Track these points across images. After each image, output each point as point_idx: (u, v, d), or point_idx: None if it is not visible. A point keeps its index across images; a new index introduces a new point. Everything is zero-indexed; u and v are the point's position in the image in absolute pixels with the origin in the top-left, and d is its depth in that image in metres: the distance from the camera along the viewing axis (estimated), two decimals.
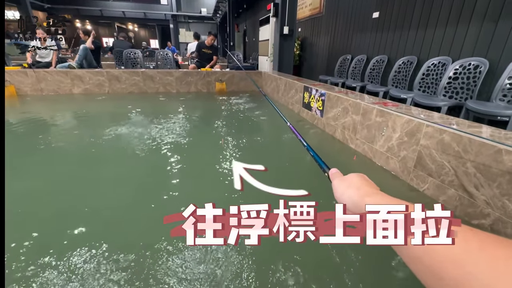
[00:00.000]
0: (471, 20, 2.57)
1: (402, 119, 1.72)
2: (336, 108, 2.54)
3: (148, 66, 6.49)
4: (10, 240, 1.10)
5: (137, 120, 3.02)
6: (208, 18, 18.28)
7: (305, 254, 1.07)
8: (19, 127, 2.74)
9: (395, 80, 3.47)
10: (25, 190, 1.53)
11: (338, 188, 0.40)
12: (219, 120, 3.15)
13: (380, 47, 3.89)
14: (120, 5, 17.39)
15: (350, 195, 0.36)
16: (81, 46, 4.84)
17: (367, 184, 0.37)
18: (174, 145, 2.24)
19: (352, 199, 0.36)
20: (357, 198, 0.35)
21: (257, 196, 0.44)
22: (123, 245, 1.09)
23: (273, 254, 1.07)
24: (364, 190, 0.36)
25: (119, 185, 1.63)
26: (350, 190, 0.37)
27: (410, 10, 3.27)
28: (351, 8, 4.51)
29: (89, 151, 2.15)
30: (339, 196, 0.39)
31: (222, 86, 5.05)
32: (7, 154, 2.04)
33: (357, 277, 0.99)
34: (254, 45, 10.00)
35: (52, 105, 3.77)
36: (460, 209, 1.36)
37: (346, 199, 0.37)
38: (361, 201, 0.34)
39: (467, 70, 2.52)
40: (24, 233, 1.15)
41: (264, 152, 2.24)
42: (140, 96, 4.54)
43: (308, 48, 6.36)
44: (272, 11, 4.96)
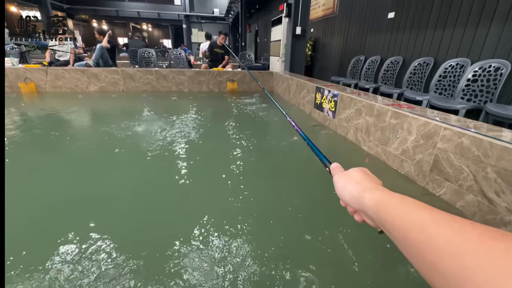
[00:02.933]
0: (493, 20, 2.48)
1: (418, 121, 1.67)
2: (349, 109, 2.50)
3: (161, 65, 6.60)
4: (11, 241, 1.14)
5: (151, 118, 3.07)
6: (220, 19, 18.41)
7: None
8: (37, 123, 2.84)
9: (410, 82, 3.39)
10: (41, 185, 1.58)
11: (339, 183, 0.39)
12: (231, 120, 3.17)
13: (395, 48, 3.81)
14: (135, 6, 17.75)
15: (350, 190, 0.36)
16: (97, 45, 4.97)
17: (367, 179, 0.37)
18: (187, 144, 2.27)
19: (351, 194, 0.35)
20: (356, 193, 0.34)
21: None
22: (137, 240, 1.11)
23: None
24: (364, 185, 0.35)
25: (133, 184, 1.66)
26: (350, 185, 0.36)
27: (427, 10, 3.19)
28: (365, 8, 4.44)
29: (102, 148, 2.20)
30: (339, 191, 0.39)
31: (234, 86, 5.07)
32: (25, 149, 2.12)
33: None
34: (266, 45, 9.99)
35: (69, 102, 3.88)
36: (479, 216, 1.31)
37: (346, 195, 0.37)
38: (360, 196, 0.33)
39: (487, 72, 2.43)
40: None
41: (274, 152, 2.23)
42: (154, 94, 4.62)
43: (321, 48, 6.30)
44: (285, 12, 4.95)
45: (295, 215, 1.35)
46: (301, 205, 1.44)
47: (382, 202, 0.30)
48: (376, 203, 0.31)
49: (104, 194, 1.50)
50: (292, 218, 1.33)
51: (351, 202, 0.36)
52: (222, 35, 5.24)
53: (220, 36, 5.25)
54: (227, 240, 1.14)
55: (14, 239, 1.08)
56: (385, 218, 0.28)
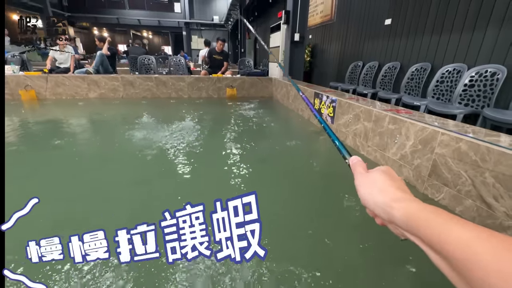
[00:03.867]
0: (488, 26, 2.51)
1: (416, 126, 1.68)
2: (347, 115, 2.51)
3: (161, 72, 6.65)
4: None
5: (150, 125, 3.08)
6: (220, 26, 18.63)
7: None
8: (36, 129, 2.84)
9: (408, 87, 3.41)
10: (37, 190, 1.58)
11: (361, 187, 0.36)
12: (229, 125, 3.18)
13: (393, 54, 3.84)
14: (136, 13, 17.98)
15: (375, 198, 0.33)
16: (97, 52, 5.02)
17: (393, 185, 0.34)
18: (185, 149, 2.27)
19: (377, 204, 0.33)
20: (382, 203, 0.32)
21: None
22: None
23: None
24: (391, 194, 0.32)
25: (130, 186, 1.66)
26: (375, 192, 0.34)
27: (424, 16, 3.23)
28: (362, 15, 4.50)
29: (101, 153, 2.20)
30: (362, 199, 0.36)
31: (233, 92, 5.10)
32: (23, 154, 2.12)
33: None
34: (265, 51, 10.08)
35: (68, 109, 3.90)
36: (479, 221, 1.31)
37: (371, 203, 0.34)
38: (388, 206, 0.31)
39: (483, 78, 2.45)
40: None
41: (273, 156, 2.23)
42: (153, 101, 4.64)
43: (319, 54, 6.36)
44: (284, 19, 5.01)
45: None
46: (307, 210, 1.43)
47: (413, 214, 0.28)
48: (406, 215, 0.29)
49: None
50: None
51: (376, 211, 0.33)
52: (220, 42, 5.29)
53: (218, 43, 5.31)
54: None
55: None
56: (418, 232, 0.27)
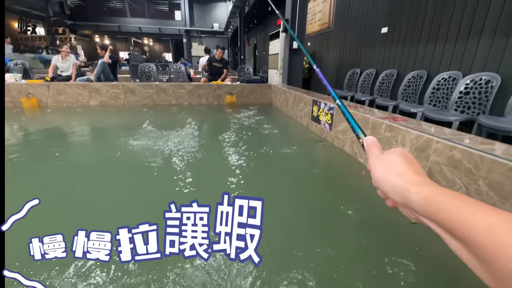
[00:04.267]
0: (482, 35, 2.57)
1: (411, 134, 1.71)
2: (344, 122, 2.54)
3: (162, 79, 6.72)
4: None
5: (151, 131, 3.11)
6: (220, 33, 18.86)
7: None
8: (37, 137, 2.87)
9: (405, 94, 3.46)
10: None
11: (376, 170, 0.35)
12: (228, 132, 3.21)
13: (390, 61, 3.90)
14: (137, 21, 18.23)
15: (391, 181, 0.32)
16: (99, 60, 5.09)
17: (411, 168, 0.32)
18: (185, 155, 2.30)
19: (393, 187, 0.31)
20: (399, 187, 0.31)
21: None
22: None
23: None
24: (409, 177, 0.31)
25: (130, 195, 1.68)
26: (391, 175, 0.32)
27: (419, 25, 3.30)
28: (359, 23, 4.59)
29: (101, 160, 2.23)
30: (377, 181, 0.34)
31: (232, 99, 5.15)
32: (24, 161, 2.14)
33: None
34: (264, 58, 10.20)
35: (69, 116, 3.94)
36: None
37: (386, 185, 0.33)
38: (405, 190, 0.30)
39: (478, 85, 2.50)
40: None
41: (271, 163, 2.26)
42: (154, 108, 4.68)
43: (318, 61, 6.44)
44: (282, 27, 5.10)
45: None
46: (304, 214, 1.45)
47: (432, 199, 0.27)
48: (425, 199, 0.28)
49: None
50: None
51: (391, 194, 0.32)
52: (220, 50, 5.38)
53: (218, 51, 5.39)
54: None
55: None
56: (437, 217, 0.26)
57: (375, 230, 1.39)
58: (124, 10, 18.23)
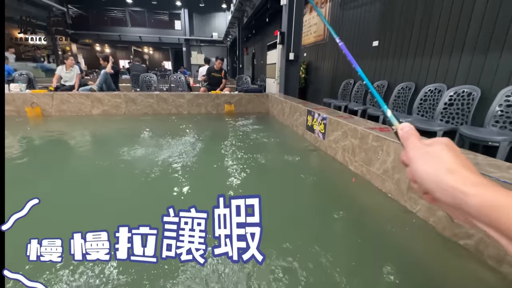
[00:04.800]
0: (463, 51, 2.75)
1: (394, 144, 1.86)
2: (336, 132, 2.69)
3: (162, 88, 6.89)
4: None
5: (151, 139, 3.25)
6: (219, 42, 19.24)
7: None
8: (40, 145, 3.00)
9: (395, 105, 3.63)
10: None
11: (418, 165, 0.31)
12: (226, 140, 3.35)
13: (381, 73, 4.09)
14: (137, 31, 18.60)
15: (439, 178, 0.28)
16: (101, 71, 5.26)
17: (462, 164, 0.28)
18: (184, 163, 2.42)
19: (442, 186, 0.28)
20: (451, 187, 0.27)
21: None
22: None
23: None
24: (463, 176, 0.27)
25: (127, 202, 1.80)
26: (440, 172, 0.28)
27: (407, 40, 3.50)
28: (352, 36, 4.80)
29: (102, 167, 2.35)
30: (419, 173, 0.30)
31: (231, 108, 5.31)
32: (28, 169, 2.26)
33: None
34: (262, 67, 10.45)
35: (72, 125, 4.07)
36: (449, 230, 1.46)
37: (431, 182, 0.29)
38: (459, 192, 0.26)
39: (461, 97, 2.66)
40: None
41: (266, 171, 2.39)
42: (154, 117, 4.83)
43: (313, 71, 6.65)
44: (279, 39, 5.31)
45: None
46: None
47: (496, 205, 0.24)
48: (486, 203, 0.25)
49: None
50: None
51: (439, 194, 0.28)
52: (219, 60, 5.59)
53: (217, 61, 5.60)
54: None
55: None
56: (498, 223, 0.24)
57: (361, 230, 1.52)
58: (125, 20, 18.62)
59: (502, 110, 2.28)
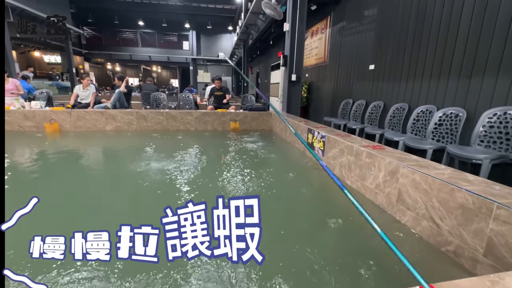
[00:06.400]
0: (450, 75, 3.01)
1: (385, 161, 2.06)
2: (334, 149, 2.91)
3: (170, 106, 7.25)
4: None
5: (160, 153, 3.49)
6: (225, 61, 20.02)
7: None
8: (57, 156, 3.26)
9: (390, 124, 3.85)
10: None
11: None
12: (230, 155, 3.57)
13: (377, 94, 4.36)
14: (147, 50, 19.52)
15: None
16: (116, 90, 5.63)
17: None
18: (190, 175, 2.64)
19: None
20: None
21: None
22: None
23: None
24: None
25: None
26: None
27: (400, 65, 3.78)
28: (350, 60, 5.13)
29: (113, 177, 2.58)
30: None
31: (236, 125, 5.59)
32: (46, 178, 2.49)
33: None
34: (266, 86, 10.87)
35: (87, 140, 4.36)
36: (432, 238, 1.62)
37: None
38: None
39: (449, 118, 2.88)
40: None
41: (267, 185, 2.59)
42: (164, 133, 5.11)
43: (315, 91, 6.97)
44: (282, 62, 5.67)
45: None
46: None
47: None
48: None
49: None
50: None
51: None
52: (216, 81, 6.04)
53: (216, 82, 6.05)
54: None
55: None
56: None
57: (352, 238, 1.69)
58: (136, 40, 19.61)
59: (485, 131, 2.48)
